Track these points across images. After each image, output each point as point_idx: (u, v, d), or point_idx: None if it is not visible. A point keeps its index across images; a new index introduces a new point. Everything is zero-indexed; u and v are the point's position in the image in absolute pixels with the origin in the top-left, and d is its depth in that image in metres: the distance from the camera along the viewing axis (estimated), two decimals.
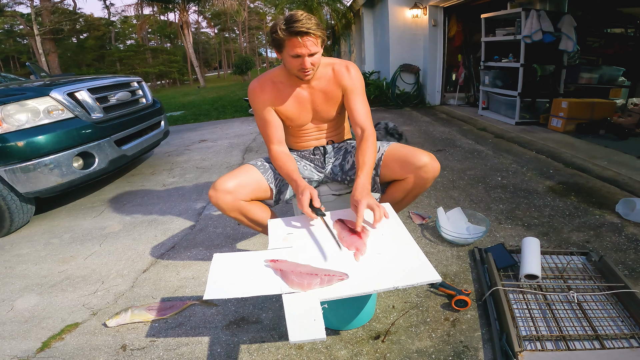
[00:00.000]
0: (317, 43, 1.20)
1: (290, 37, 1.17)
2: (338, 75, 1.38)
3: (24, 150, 2.13)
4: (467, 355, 1.11)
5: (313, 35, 1.17)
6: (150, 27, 26.36)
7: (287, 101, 1.39)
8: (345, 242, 1.12)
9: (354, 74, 1.39)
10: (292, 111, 1.41)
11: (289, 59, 1.24)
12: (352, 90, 1.38)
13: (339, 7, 9.78)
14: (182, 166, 3.55)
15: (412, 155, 1.33)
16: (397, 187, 1.40)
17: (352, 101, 1.38)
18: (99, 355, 1.24)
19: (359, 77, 1.40)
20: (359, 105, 1.38)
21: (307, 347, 1.19)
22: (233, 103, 8.56)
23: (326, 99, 1.41)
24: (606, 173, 2.44)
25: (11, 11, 21.47)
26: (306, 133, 1.52)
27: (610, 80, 4.09)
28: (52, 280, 1.74)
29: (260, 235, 2.00)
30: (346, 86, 1.38)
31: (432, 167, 1.31)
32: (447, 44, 5.78)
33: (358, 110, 1.38)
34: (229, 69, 35.61)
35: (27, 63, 3.98)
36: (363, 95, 1.41)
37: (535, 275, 1.32)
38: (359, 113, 1.37)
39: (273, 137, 1.41)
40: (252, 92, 1.42)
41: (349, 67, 1.39)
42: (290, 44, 1.19)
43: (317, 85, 1.38)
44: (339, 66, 1.38)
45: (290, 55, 1.22)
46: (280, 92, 1.39)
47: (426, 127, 4.49)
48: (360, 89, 1.40)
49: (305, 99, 1.40)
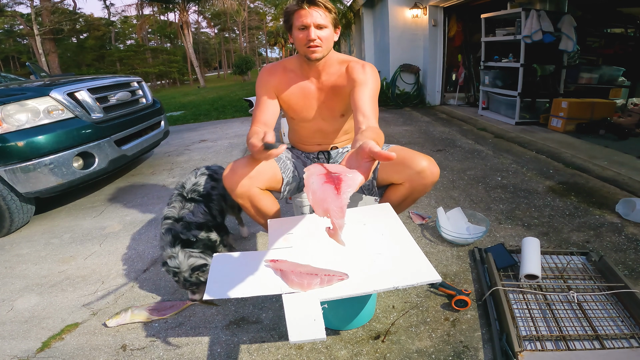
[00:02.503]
0: (325, 17, 1.20)
1: (297, 7, 1.18)
2: (351, 70, 1.31)
3: (24, 150, 2.13)
4: (467, 355, 1.11)
5: (320, 5, 1.17)
6: (150, 27, 26.34)
7: (293, 91, 1.38)
8: (315, 196, 0.73)
9: (369, 72, 1.31)
10: (296, 102, 1.40)
11: (297, 34, 1.23)
12: (362, 82, 1.27)
13: (339, 7, 9.78)
14: (182, 166, 3.55)
15: (411, 159, 1.25)
16: (395, 192, 1.33)
17: (358, 93, 1.24)
18: (99, 355, 1.24)
19: (373, 76, 1.31)
20: (365, 97, 1.23)
21: (307, 347, 1.19)
22: (233, 103, 8.56)
23: (333, 94, 1.37)
24: (606, 173, 2.44)
25: (11, 11, 21.47)
26: (310, 133, 1.50)
27: (610, 80, 4.09)
28: (52, 280, 1.74)
29: (260, 235, 2.00)
30: (356, 79, 1.28)
31: (431, 172, 1.25)
32: (447, 44, 5.78)
33: (363, 100, 1.22)
34: (229, 69, 35.60)
35: (27, 63, 3.97)
36: (374, 92, 1.28)
37: (535, 275, 1.32)
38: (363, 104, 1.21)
39: (260, 118, 1.35)
40: (262, 72, 1.41)
41: (364, 65, 1.32)
42: (297, 16, 1.20)
43: (327, 81, 1.36)
44: (354, 64, 1.33)
45: (298, 27, 1.22)
46: (288, 80, 1.37)
47: (426, 127, 4.49)
48: (371, 86, 1.27)
49: (312, 94, 1.39)
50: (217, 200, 1.56)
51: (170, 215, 1.44)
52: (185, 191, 1.51)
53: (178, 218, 1.42)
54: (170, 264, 1.34)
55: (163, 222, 1.44)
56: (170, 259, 1.35)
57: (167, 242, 1.38)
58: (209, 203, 1.51)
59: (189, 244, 1.38)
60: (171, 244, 1.37)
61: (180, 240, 1.37)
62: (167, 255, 1.36)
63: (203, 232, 1.43)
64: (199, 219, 1.44)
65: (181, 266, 1.33)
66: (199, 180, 1.56)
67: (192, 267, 1.34)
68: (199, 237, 1.41)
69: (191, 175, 1.60)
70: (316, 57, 1.26)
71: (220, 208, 1.58)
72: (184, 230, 1.39)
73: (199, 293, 1.42)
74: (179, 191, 1.54)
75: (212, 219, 1.49)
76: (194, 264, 1.34)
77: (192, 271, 1.34)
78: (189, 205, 1.46)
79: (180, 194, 1.52)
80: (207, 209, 1.49)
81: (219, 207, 1.57)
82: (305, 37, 1.22)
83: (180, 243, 1.37)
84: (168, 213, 1.46)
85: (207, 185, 1.55)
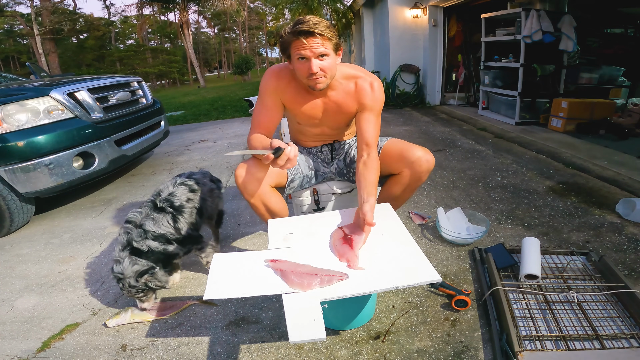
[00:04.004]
0: (325, 45, 1.14)
1: (294, 38, 1.13)
2: (360, 92, 1.31)
3: (24, 150, 2.13)
4: (467, 355, 1.11)
5: (319, 35, 1.11)
6: (150, 27, 26.33)
7: (299, 102, 1.34)
8: (337, 251, 1.10)
9: (378, 93, 1.32)
10: (302, 112, 1.37)
11: (297, 63, 1.18)
12: (370, 109, 1.32)
13: (339, 7, 9.79)
14: (182, 166, 3.55)
15: (407, 149, 1.36)
16: (393, 181, 1.43)
17: (365, 120, 1.31)
18: (99, 355, 1.24)
19: (380, 97, 1.33)
20: (371, 126, 1.31)
21: (307, 347, 1.19)
22: (233, 103, 8.56)
23: (339, 111, 1.35)
24: (606, 173, 2.44)
25: (11, 11, 21.47)
26: (314, 135, 1.52)
27: (610, 80, 4.09)
28: (52, 280, 1.74)
29: (260, 235, 2.00)
30: (365, 104, 1.32)
31: (426, 160, 1.34)
32: (447, 44, 5.78)
33: (369, 130, 1.30)
34: (229, 69, 35.63)
35: (27, 63, 3.97)
36: (379, 115, 1.34)
37: (535, 275, 1.32)
38: (369, 134, 1.30)
39: (262, 123, 1.35)
40: (268, 74, 1.35)
41: (373, 85, 1.32)
42: (294, 46, 1.15)
43: (333, 96, 1.33)
44: (363, 82, 1.31)
45: (297, 58, 1.16)
46: (294, 89, 1.32)
47: (426, 127, 4.49)
48: (378, 110, 1.33)
49: (318, 107, 1.35)
50: (190, 213, 1.49)
51: (132, 220, 1.39)
52: (159, 199, 1.45)
53: (139, 224, 1.38)
54: (114, 269, 1.30)
55: (124, 225, 1.39)
56: (116, 264, 1.31)
57: (118, 245, 1.34)
58: (178, 216, 1.44)
59: (139, 253, 1.33)
60: (121, 249, 1.33)
61: (131, 247, 1.33)
62: (113, 259, 1.32)
63: (159, 244, 1.37)
64: (158, 229, 1.37)
65: (125, 272, 1.29)
66: (175, 191, 1.50)
67: (138, 272, 1.30)
68: (152, 248, 1.35)
69: (169, 184, 1.54)
70: (320, 87, 1.23)
71: (194, 221, 1.51)
72: (137, 237, 1.34)
73: (148, 301, 1.39)
74: (152, 198, 1.48)
75: (174, 231, 1.42)
76: (139, 270, 1.31)
77: (138, 276, 1.30)
78: (155, 214, 1.40)
79: (153, 201, 1.46)
80: (173, 221, 1.42)
81: (191, 220, 1.49)
82: (306, 69, 1.16)
83: (130, 249, 1.33)
84: (131, 217, 1.40)
85: (182, 197, 1.49)
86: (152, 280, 1.34)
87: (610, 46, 4.59)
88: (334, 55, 1.20)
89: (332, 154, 1.57)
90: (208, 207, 1.63)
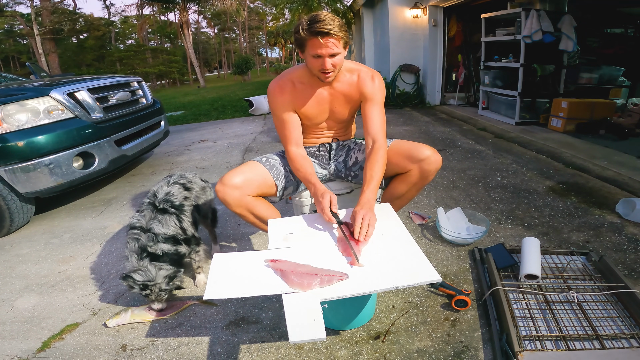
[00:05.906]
0: (338, 44, 1.21)
1: (311, 37, 1.19)
2: (362, 82, 1.39)
3: (24, 150, 2.13)
4: (467, 355, 1.11)
5: (335, 36, 1.18)
6: (150, 27, 26.37)
7: (306, 102, 1.40)
8: (341, 247, 1.12)
9: (378, 84, 1.40)
10: (311, 111, 1.43)
11: (310, 59, 1.26)
12: (372, 99, 1.39)
13: (339, 7, 9.78)
14: (182, 166, 3.55)
15: (415, 148, 1.38)
16: (400, 180, 1.43)
17: (369, 110, 1.39)
18: (99, 355, 1.24)
19: (381, 88, 1.41)
20: (375, 115, 1.38)
21: (307, 347, 1.19)
22: (233, 103, 8.56)
23: (345, 101, 1.42)
24: (606, 173, 2.44)
25: (11, 11, 21.48)
26: (317, 131, 1.54)
27: (610, 80, 4.09)
28: (52, 280, 1.74)
29: (260, 235, 2.00)
30: (367, 94, 1.39)
31: (435, 160, 1.37)
32: (447, 44, 5.78)
33: (374, 120, 1.38)
34: (229, 69, 35.62)
35: (27, 63, 3.98)
36: (381, 105, 1.41)
37: (535, 275, 1.32)
38: (374, 123, 1.37)
39: (291, 137, 1.41)
40: (272, 93, 1.42)
41: (374, 77, 1.41)
42: (311, 44, 1.21)
43: (339, 88, 1.39)
44: (365, 74, 1.40)
45: (312, 55, 1.23)
46: (299, 93, 1.39)
47: (426, 127, 4.49)
48: (380, 100, 1.40)
49: (325, 99, 1.41)
50: (190, 211, 1.49)
51: (137, 225, 1.37)
52: (157, 200, 1.44)
53: (146, 228, 1.35)
54: (137, 278, 1.28)
55: (129, 232, 1.37)
56: (138, 273, 1.29)
57: (132, 254, 1.33)
58: (181, 215, 1.44)
59: (156, 258, 1.33)
60: (138, 257, 1.32)
61: (148, 253, 1.32)
62: (132, 269, 1.30)
63: (170, 245, 1.37)
64: (168, 231, 1.37)
65: (156, 279, 1.29)
66: (171, 190, 1.48)
67: (168, 277, 1.32)
68: (165, 251, 1.35)
69: (163, 183, 1.53)
70: (329, 81, 1.32)
71: (192, 219, 1.50)
72: (150, 242, 1.33)
73: (166, 301, 1.40)
74: (150, 200, 1.45)
75: (181, 232, 1.42)
76: (168, 274, 1.32)
77: (169, 280, 1.32)
78: (160, 216, 1.39)
79: (152, 203, 1.44)
80: (178, 221, 1.42)
81: (192, 219, 1.49)
82: (319, 65, 1.24)
83: (148, 256, 1.32)
84: (135, 223, 1.37)
85: (179, 196, 1.48)
86: (178, 281, 1.36)
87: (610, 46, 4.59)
88: (344, 52, 1.27)
89: (330, 154, 1.57)
90: (203, 205, 1.65)
